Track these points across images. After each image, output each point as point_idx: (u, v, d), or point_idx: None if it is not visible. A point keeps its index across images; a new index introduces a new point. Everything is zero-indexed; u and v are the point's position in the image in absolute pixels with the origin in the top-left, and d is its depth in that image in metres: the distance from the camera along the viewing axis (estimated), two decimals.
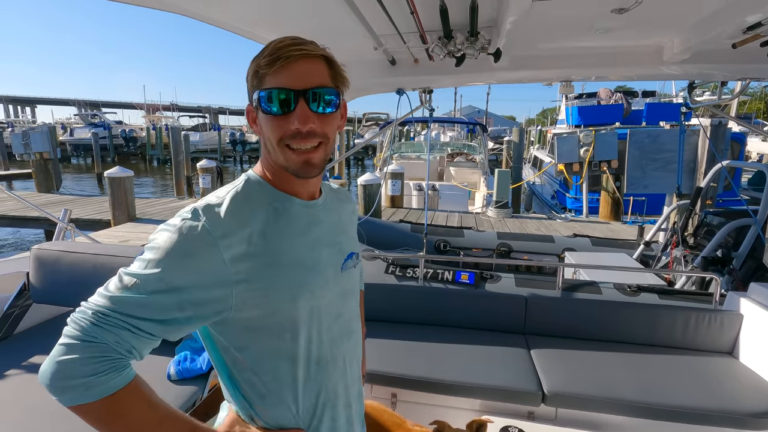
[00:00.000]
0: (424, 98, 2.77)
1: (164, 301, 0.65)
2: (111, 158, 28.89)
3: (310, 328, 0.77)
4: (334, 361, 0.81)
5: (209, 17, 1.45)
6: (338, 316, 0.82)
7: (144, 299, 0.64)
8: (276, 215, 0.75)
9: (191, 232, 0.67)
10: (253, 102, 0.75)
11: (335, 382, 0.82)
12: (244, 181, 0.77)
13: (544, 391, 1.86)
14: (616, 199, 8.41)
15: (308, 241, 0.77)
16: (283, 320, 0.74)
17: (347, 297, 0.86)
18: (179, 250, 0.66)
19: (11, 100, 58.11)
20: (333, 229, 0.84)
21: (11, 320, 1.83)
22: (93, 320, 0.63)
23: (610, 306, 2.38)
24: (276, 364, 0.75)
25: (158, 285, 0.65)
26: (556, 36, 1.86)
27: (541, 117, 56.64)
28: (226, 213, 0.70)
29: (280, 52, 0.70)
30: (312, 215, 0.80)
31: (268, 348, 0.74)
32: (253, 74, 0.73)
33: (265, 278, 0.71)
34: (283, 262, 0.73)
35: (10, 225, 8.13)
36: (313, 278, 0.76)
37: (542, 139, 22.21)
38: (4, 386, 1.42)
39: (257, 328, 0.73)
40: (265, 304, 0.72)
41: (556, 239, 4.35)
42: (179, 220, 0.69)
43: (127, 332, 0.64)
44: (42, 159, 12.27)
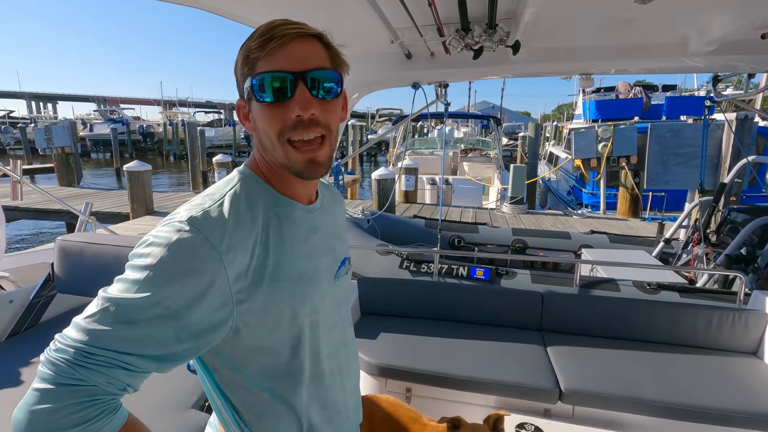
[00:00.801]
0: (440, 92, 2.75)
1: (161, 331, 0.55)
2: (129, 153, 29.47)
3: (310, 343, 0.70)
4: (332, 374, 0.76)
5: (224, 10, 1.46)
6: (333, 326, 0.76)
7: (136, 331, 0.54)
8: (278, 222, 0.66)
9: (190, 245, 0.56)
10: (244, 93, 0.65)
11: (335, 396, 0.77)
12: (240, 180, 0.67)
13: (561, 389, 1.84)
14: (635, 195, 8.23)
15: (308, 250, 0.70)
16: (283, 337, 0.67)
17: (340, 306, 0.80)
18: (177, 267, 0.55)
19: (34, 96, 59.65)
20: (329, 234, 0.77)
21: (37, 309, 1.88)
22: (76, 361, 0.52)
23: (629, 304, 2.34)
24: (275, 382, 0.69)
25: (153, 311, 0.54)
26: (576, 28, 1.82)
27: (557, 112, 55.74)
28: (229, 221, 0.60)
29: (273, 32, 0.61)
30: (311, 221, 0.73)
31: (267, 366, 0.68)
32: (242, 61, 0.64)
33: (266, 294, 0.63)
34: (285, 276, 0.65)
35: (34, 217, 8.37)
36: (312, 290, 0.69)
37: (558, 135, 21.87)
38: (31, 374, 1.47)
39: (255, 348, 0.66)
40: (266, 322, 0.64)
41: (572, 236, 4.28)
42: (173, 232, 0.57)
43: (119, 370, 0.54)
44: (63, 153, 12.58)
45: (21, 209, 7.84)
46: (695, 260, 3.32)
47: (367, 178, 15.43)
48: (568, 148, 13.64)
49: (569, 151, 12.14)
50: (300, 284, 0.67)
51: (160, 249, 0.56)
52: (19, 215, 8.05)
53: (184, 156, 28.18)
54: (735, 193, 4.51)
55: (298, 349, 0.69)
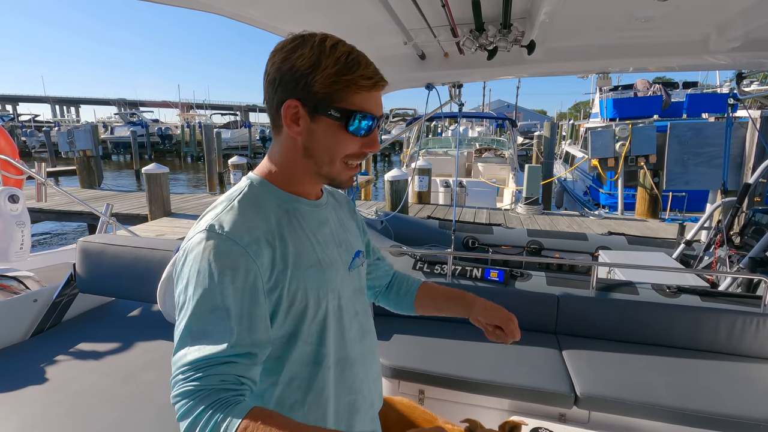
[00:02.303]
0: (454, 93, 2.73)
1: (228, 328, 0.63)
2: (148, 155, 30.10)
3: (335, 328, 0.76)
4: (357, 361, 0.81)
5: (238, 14, 1.47)
6: (356, 314, 0.82)
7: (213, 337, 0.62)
8: (288, 217, 0.73)
9: (217, 247, 0.64)
10: (310, 101, 0.69)
11: (360, 382, 0.82)
12: (248, 185, 0.75)
13: (576, 393, 1.80)
14: (654, 195, 8.03)
15: (320, 240, 0.76)
16: (309, 323, 0.73)
17: (359, 295, 0.86)
18: (214, 270, 0.63)
19: (58, 100, 61.47)
20: (339, 227, 0.84)
21: (59, 308, 1.94)
22: (190, 378, 0.61)
23: (648, 307, 2.29)
24: (304, 370, 0.74)
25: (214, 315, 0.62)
26: (592, 26, 1.78)
27: (574, 111, 54.86)
28: (242, 220, 0.67)
29: (376, 77, 0.70)
30: (320, 214, 0.79)
31: (297, 354, 0.73)
32: (330, 82, 0.68)
33: (291, 281, 0.69)
34: (304, 264, 0.71)
35: (57, 219, 8.62)
36: (332, 277, 0.76)
37: (574, 134, 21.52)
38: (54, 371, 1.51)
39: (287, 335, 0.72)
40: (294, 308, 0.71)
41: (589, 237, 4.20)
42: (199, 243, 0.65)
43: (222, 366, 0.62)
44: (85, 156, 12.92)
45: (45, 211, 8.08)
46: (717, 263, 3.23)
47: (381, 179, 15.45)
48: (585, 148, 13.40)
49: (586, 150, 11.92)
50: (320, 271, 0.73)
51: (194, 262, 0.64)
52: (43, 217, 8.29)
53: (201, 158, 28.64)
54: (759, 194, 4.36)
55: (324, 335, 0.74)
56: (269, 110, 0.75)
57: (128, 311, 2.06)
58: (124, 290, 1.89)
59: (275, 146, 0.77)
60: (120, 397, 1.36)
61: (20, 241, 2.43)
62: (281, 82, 0.70)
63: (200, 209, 8.42)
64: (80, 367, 1.54)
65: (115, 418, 1.25)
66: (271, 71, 0.71)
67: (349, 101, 0.69)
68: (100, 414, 1.28)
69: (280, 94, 0.70)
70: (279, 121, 0.72)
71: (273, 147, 0.78)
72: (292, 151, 0.74)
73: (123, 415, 1.27)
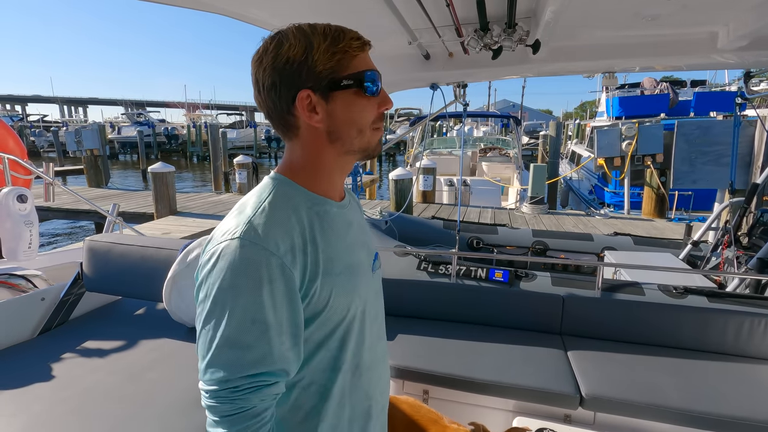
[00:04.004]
0: (459, 92, 2.72)
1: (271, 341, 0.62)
2: (154, 155, 30.29)
3: (357, 335, 0.74)
4: (373, 366, 0.79)
5: (243, 15, 1.47)
6: (375, 317, 0.81)
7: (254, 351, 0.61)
8: (320, 220, 0.70)
9: (253, 258, 0.61)
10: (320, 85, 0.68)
11: (374, 388, 0.80)
12: (275, 186, 0.70)
13: (581, 394, 1.79)
14: (661, 194, 7.95)
15: (348, 244, 0.74)
16: (334, 329, 0.71)
17: (379, 297, 0.85)
18: (251, 282, 0.60)
19: (66, 101, 62.06)
20: (360, 229, 0.81)
21: (67, 307, 1.96)
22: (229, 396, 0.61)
23: (654, 308, 2.27)
24: (322, 376, 0.72)
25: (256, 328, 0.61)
26: (598, 25, 1.77)
27: (580, 110, 54.50)
28: (277, 226, 0.64)
29: (362, 37, 0.70)
30: (345, 216, 0.77)
31: (316, 361, 0.71)
32: (329, 55, 0.67)
33: (323, 288, 0.67)
34: (336, 270, 0.69)
35: (65, 217, 8.70)
36: (359, 282, 0.74)
37: (580, 133, 21.39)
38: (62, 368, 1.53)
39: (314, 343, 0.70)
40: (323, 316, 0.69)
41: (595, 238, 4.17)
42: (232, 251, 0.61)
43: (264, 388, 0.62)
44: (92, 155, 13.03)
45: (53, 209, 8.16)
46: (725, 264, 3.19)
47: (386, 179, 15.45)
48: (591, 147, 13.32)
49: (592, 149, 11.84)
50: (350, 276, 0.72)
51: (229, 270, 0.61)
52: (51, 215, 8.38)
53: (206, 157, 28.77)
54: None
55: (346, 341, 0.72)
56: (276, 116, 0.71)
57: (134, 310, 2.07)
58: (131, 289, 1.90)
59: (294, 148, 0.73)
60: (126, 396, 1.37)
61: (28, 241, 2.46)
62: (282, 80, 0.68)
63: (206, 208, 8.46)
64: (87, 365, 1.55)
65: (121, 417, 1.26)
66: (265, 77, 0.68)
67: (352, 66, 0.69)
68: (106, 412, 1.29)
69: (285, 93, 0.68)
70: (292, 120, 0.70)
71: (291, 150, 0.74)
72: (316, 142, 0.72)
73: (129, 413, 1.28)
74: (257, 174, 11.12)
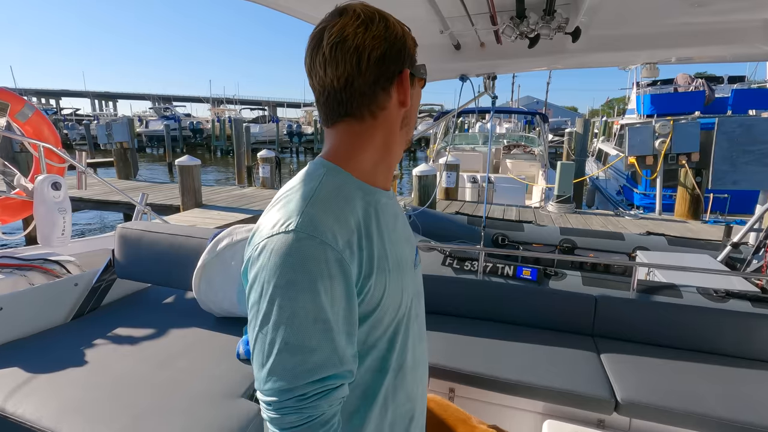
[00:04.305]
0: (489, 84, 2.66)
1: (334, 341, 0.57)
2: (180, 148, 31.05)
3: (404, 334, 0.70)
4: (415, 366, 0.75)
5: (274, 3, 1.45)
6: (416, 316, 0.76)
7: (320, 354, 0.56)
8: (374, 212, 0.65)
9: (313, 253, 0.55)
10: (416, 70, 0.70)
11: (415, 390, 0.76)
12: (325, 174, 0.65)
13: (617, 399, 1.72)
14: (696, 195, 7.61)
15: (398, 237, 0.69)
16: (387, 329, 0.66)
17: (420, 296, 0.80)
18: (312, 279, 0.55)
19: (96, 95, 64.34)
20: (403, 221, 0.77)
21: (99, 293, 2.00)
22: (296, 405, 0.56)
23: (694, 312, 2.16)
24: (368, 377, 0.67)
25: (318, 328, 0.55)
26: (643, 12, 1.68)
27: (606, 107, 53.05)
28: (334, 218, 0.59)
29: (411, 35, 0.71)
30: (393, 208, 0.72)
31: (367, 361, 0.67)
32: (413, 42, 0.70)
33: (376, 285, 0.62)
34: (388, 266, 0.64)
35: (95, 208, 8.99)
36: (407, 279, 0.70)
37: (607, 131, 20.78)
38: (94, 354, 1.55)
39: (366, 343, 0.65)
40: (375, 315, 0.64)
41: (626, 237, 4.01)
42: (288, 244, 0.56)
43: (332, 392, 0.58)
44: (122, 148, 13.41)
45: (84, 200, 8.43)
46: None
47: (407, 174, 15.37)
48: (619, 145, 12.92)
49: (620, 147, 11.46)
50: (400, 273, 0.67)
51: (284, 266, 0.55)
52: (82, 206, 8.66)
53: (230, 151, 29.30)
54: None
55: (394, 341, 0.68)
56: (369, 92, 0.64)
57: (163, 298, 2.10)
58: (160, 277, 1.92)
59: (355, 131, 0.67)
60: (157, 383, 1.38)
61: (62, 227, 2.52)
62: (392, 54, 0.64)
63: (230, 201, 8.59)
64: (118, 352, 1.57)
65: (151, 404, 1.27)
66: (374, 45, 0.62)
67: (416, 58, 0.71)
68: (137, 399, 1.30)
69: (391, 68, 0.64)
70: (382, 99, 0.65)
71: (350, 134, 0.67)
72: (393, 127, 0.68)
73: (159, 401, 1.28)
74: (280, 168, 11.22)
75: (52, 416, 1.21)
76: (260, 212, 5.05)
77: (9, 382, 1.36)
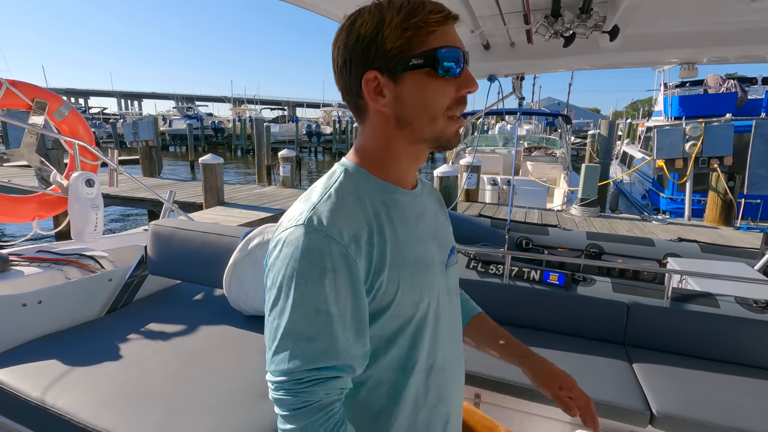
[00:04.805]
0: (517, 85, 2.61)
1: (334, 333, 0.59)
2: (202, 147, 31.66)
3: (430, 333, 0.70)
4: (448, 368, 0.74)
5: (309, 3, 1.45)
6: (450, 317, 0.76)
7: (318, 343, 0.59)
8: (387, 208, 0.66)
9: (317, 247, 0.58)
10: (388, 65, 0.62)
11: (450, 392, 0.75)
12: (343, 173, 0.67)
13: (652, 411, 1.66)
14: (728, 201, 7.33)
15: (419, 235, 0.69)
16: (404, 326, 0.67)
17: (453, 296, 0.78)
18: (315, 271, 0.58)
19: (123, 94, 66.29)
20: (435, 220, 0.77)
21: (131, 289, 2.04)
22: (293, 389, 0.60)
23: (732, 322, 2.07)
24: (392, 375, 0.68)
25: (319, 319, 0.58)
26: (686, 10, 1.61)
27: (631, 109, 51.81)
28: (342, 214, 0.61)
29: (445, 9, 0.62)
30: (418, 205, 0.72)
31: (386, 359, 0.67)
32: (400, 32, 0.61)
33: (389, 280, 0.63)
34: (404, 261, 0.65)
35: (121, 204, 9.24)
36: (431, 276, 0.69)
37: (632, 133, 20.27)
38: (128, 348, 1.58)
39: (382, 338, 0.66)
40: (390, 310, 0.65)
41: (656, 243, 3.89)
42: (296, 238, 0.59)
43: (330, 381, 0.60)
44: (147, 146, 13.76)
45: (111, 196, 8.68)
46: None
47: (423, 175, 15.31)
48: (645, 148, 12.56)
49: (647, 150, 11.14)
50: (418, 269, 0.67)
51: (292, 259, 0.59)
52: (109, 202, 8.92)
53: (250, 150, 29.73)
54: None
55: (418, 339, 0.68)
56: (348, 98, 0.68)
57: (193, 294, 2.13)
58: (191, 274, 1.95)
59: (364, 132, 0.70)
60: (188, 379, 1.39)
61: (94, 223, 2.59)
62: (352, 59, 0.63)
63: (251, 200, 8.71)
64: (151, 347, 1.60)
65: (184, 400, 1.28)
66: (338, 56, 0.65)
67: (427, 44, 0.61)
68: (171, 395, 1.31)
69: (354, 73, 0.64)
70: (361, 103, 0.66)
71: (362, 135, 0.70)
72: (384, 128, 0.67)
73: (191, 397, 1.30)
74: (300, 168, 11.32)
75: (90, 410, 1.24)
76: (280, 210, 5.11)
77: (48, 374, 1.40)
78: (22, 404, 1.32)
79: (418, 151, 0.69)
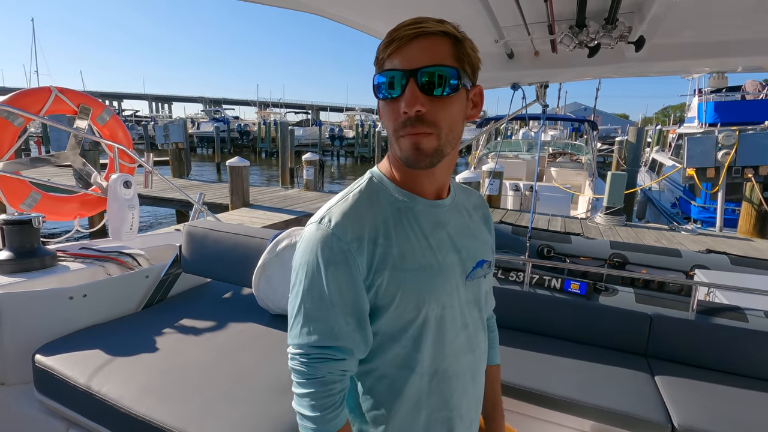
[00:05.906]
0: (541, 93, 2.62)
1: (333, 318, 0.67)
2: (228, 149, 32.43)
3: (434, 337, 0.72)
4: (457, 376, 0.76)
5: (326, 11, 1.51)
6: (464, 326, 0.77)
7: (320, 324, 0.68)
8: (399, 216, 0.71)
9: (323, 241, 0.67)
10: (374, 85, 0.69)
11: (458, 399, 0.77)
12: (367, 180, 0.75)
13: (673, 424, 1.64)
14: (763, 212, 7.03)
15: (432, 244, 0.72)
16: (407, 326, 0.71)
17: (473, 307, 0.79)
18: (320, 262, 0.67)
19: (154, 98, 68.72)
20: (460, 231, 0.78)
21: (166, 285, 2.15)
22: (302, 362, 0.69)
23: (761, 337, 2.02)
24: (395, 372, 0.73)
25: (321, 303, 0.67)
26: (713, 19, 1.60)
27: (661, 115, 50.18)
28: (350, 216, 0.68)
29: (394, 35, 0.65)
30: (437, 215, 0.75)
31: (392, 355, 0.72)
32: (375, 62, 0.69)
33: (390, 281, 0.68)
34: (408, 266, 0.69)
35: (152, 204, 9.60)
36: (439, 284, 0.71)
37: (662, 140, 19.66)
38: (164, 342, 1.68)
39: (384, 334, 0.72)
40: (391, 309, 0.70)
41: (683, 254, 3.79)
42: (310, 233, 0.69)
43: (330, 362, 0.68)
44: (177, 148, 14.23)
45: (142, 196, 9.00)
46: None
47: None
48: (676, 155, 12.17)
49: (678, 158, 10.78)
50: (424, 276, 0.70)
51: (305, 251, 0.69)
52: (140, 201, 9.26)
53: (274, 153, 30.28)
54: None
55: (420, 342, 0.72)
56: None
57: (223, 293, 2.23)
58: (221, 273, 2.05)
59: None
60: (223, 372, 1.47)
61: (130, 222, 2.75)
62: None
63: (275, 202, 8.91)
64: (185, 341, 1.69)
65: (218, 392, 1.36)
66: None
67: (387, 64, 0.67)
68: (206, 385, 1.39)
69: None
70: None
71: None
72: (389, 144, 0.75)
73: (227, 388, 1.37)
74: (323, 171, 11.48)
75: (132, 396, 1.33)
76: (303, 213, 5.20)
77: (93, 363, 1.50)
78: (71, 390, 1.43)
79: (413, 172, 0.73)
